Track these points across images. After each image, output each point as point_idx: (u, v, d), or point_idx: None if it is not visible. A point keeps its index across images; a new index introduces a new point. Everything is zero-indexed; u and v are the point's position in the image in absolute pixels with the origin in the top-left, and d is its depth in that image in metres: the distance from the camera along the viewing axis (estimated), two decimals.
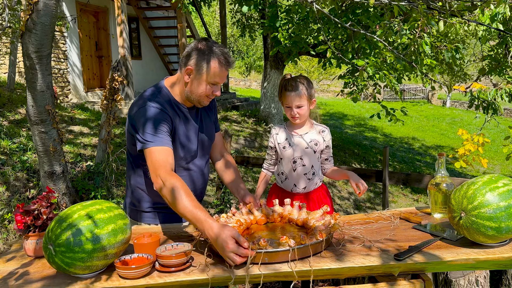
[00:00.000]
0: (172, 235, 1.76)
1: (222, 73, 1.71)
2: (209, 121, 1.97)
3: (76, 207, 1.37)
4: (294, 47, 7.03)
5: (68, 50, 8.47)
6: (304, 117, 2.11)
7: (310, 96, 2.09)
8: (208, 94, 1.75)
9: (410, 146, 15.51)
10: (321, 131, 2.20)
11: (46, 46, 3.17)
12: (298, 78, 2.10)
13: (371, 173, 3.23)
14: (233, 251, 1.32)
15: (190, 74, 1.73)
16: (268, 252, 1.33)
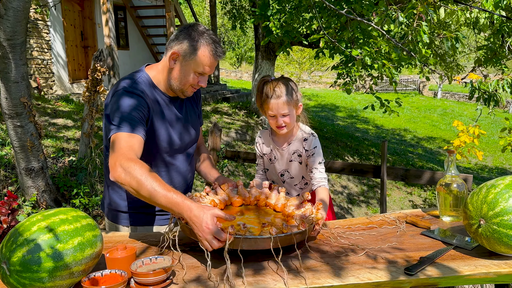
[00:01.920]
0: (152, 244, 1.57)
1: (212, 63, 1.55)
2: (194, 113, 1.80)
3: (35, 217, 1.17)
4: (286, 37, 6.82)
5: (52, 40, 8.15)
6: (291, 125, 1.81)
7: (295, 101, 1.79)
8: (194, 84, 1.58)
9: (402, 138, 15.46)
10: (303, 139, 1.86)
11: (19, 33, 2.93)
12: (281, 80, 1.79)
13: (368, 168, 3.07)
14: (212, 233, 1.20)
15: (176, 59, 1.56)
16: (247, 238, 1.23)
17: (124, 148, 1.41)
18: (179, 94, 1.64)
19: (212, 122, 8.18)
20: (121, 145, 1.42)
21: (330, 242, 1.48)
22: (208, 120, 8.11)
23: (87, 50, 9.37)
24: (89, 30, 9.34)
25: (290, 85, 1.79)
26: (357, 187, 6.98)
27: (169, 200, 1.28)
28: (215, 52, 1.54)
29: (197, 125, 1.82)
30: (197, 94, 1.83)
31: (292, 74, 22.08)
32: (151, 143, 1.62)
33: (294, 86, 1.81)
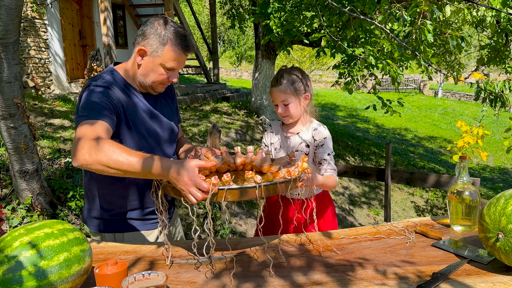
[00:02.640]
0: (145, 255, 1.48)
1: (180, 57, 1.51)
2: (170, 109, 1.76)
3: (18, 231, 1.08)
4: (286, 36, 6.73)
5: (49, 39, 8.05)
6: (295, 115, 1.79)
7: (297, 91, 1.76)
8: (163, 80, 1.55)
9: (403, 137, 15.38)
10: (313, 129, 1.83)
11: (12, 32, 2.84)
12: (287, 70, 1.80)
13: (372, 171, 2.98)
14: (195, 184, 1.16)
15: (143, 55, 1.52)
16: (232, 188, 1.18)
17: (88, 133, 1.32)
18: (149, 90, 1.60)
19: (212, 122, 8.11)
20: (84, 131, 1.34)
21: (336, 254, 1.39)
22: (207, 120, 8.02)
23: (85, 49, 9.27)
24: (88, 29, 9.24)
25: (295, 74, 1.77)
26: (358, 188, 6.89)
27: (145, 164, 1.21)
28: (183, 46, 1.49)
29: (175, 121, 1.77)
30: (171, 90, 1.78)
31: None
32: (128, 139, 1.57)
33: (300, 76, 1.78)
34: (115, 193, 1.64)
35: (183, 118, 7.80)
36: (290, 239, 1.56)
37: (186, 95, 9.80)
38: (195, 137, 6.94)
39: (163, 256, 1.47)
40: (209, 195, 1.16)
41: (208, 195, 1.17)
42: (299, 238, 1.57)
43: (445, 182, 2.77)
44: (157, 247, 1.58)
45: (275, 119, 9.54)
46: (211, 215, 1.10)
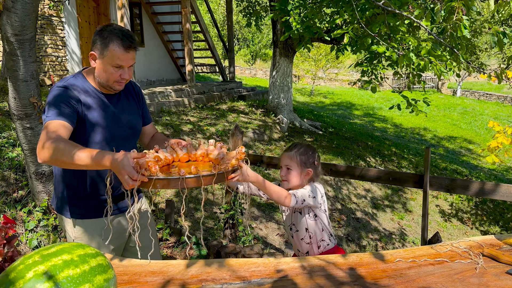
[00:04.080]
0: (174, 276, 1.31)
1: (123, 55, 1.65)
2: (132, 109, 1.91)
3: (32, 258, 0.92)
4: (307, 33, 6.51)
5: (66, 37, 7.99)
6: (292, 183, 1.90)
7: (302, 163, 1.90)
8: (116, 78, 1.71)
9: (422, 137, 15.02)
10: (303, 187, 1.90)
11: (28, 28, 2.70)
12: (303, 144, 1.97)
13: (408, 177, 2.77)
14: (128, 173, 1.33)
15: (94, 59, 1.71)
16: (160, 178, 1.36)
17: (49, 132, 1.56)
18: (108, 89, 1.77)
19: (229, 122, 7.95)
20: (46, 130, 1.58)
21: (395, 281, 1.20)
22: (224, 119, 7.86)
23: None
24: None
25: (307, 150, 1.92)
26: (380, 191, 6.65)
27: (92, 157, 1.41)
28: (124, 44, 1.63)
29: (135, 121, 1.92)
30: (136, 92, 1.95)
31: (308, 71, 21.73)
32: (88, 136, 1.75)
33: (311, 153, 1.91)
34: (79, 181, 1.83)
35: (199, 117, 7.66)
36: (337, 261, 1.37)
37: (202, 93, 9.66)
38: (213, 136, 6.79)
39: (194, 277, 1.30)
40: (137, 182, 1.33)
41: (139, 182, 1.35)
42: (348, 259, 1.38)
43: (490, 190, 2.54)
44: (186, 267, 1.41)
45: (293, 119, 9.34)
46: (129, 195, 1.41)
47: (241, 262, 1.40)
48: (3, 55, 6.31)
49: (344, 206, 5.76)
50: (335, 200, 5.83)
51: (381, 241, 5.27)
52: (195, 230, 4.17)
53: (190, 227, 4.23)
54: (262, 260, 1.42)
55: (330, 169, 3.05)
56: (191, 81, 9.32)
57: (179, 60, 11.73)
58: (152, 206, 4.28)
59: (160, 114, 7.27)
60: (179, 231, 3.90)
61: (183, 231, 3.90)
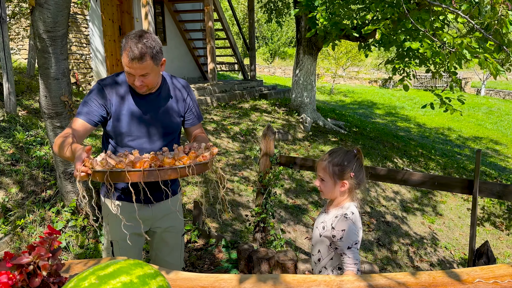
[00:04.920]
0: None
1: (130, 64, 1.70)
2: (169, 111, 1.96)
3: (88, 280, 0.81)
4: (334, 29, 6.34)
5: (90, 35, 8.00)
6: (326, 193, 1.77)
7: (335, 175, 1.72)
8: (132, 83, 1.78)
9: (447, 138, 14.64)
10: (338, 215, 1.72)
11: (60, 24, 2.63)
12: (342, 151, 1.78)
13: (456, 182, 2.59)
14: (76, 168, 1.46)
15: (121, 62, 1.85)
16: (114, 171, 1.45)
17: (67, 128, 1.78)
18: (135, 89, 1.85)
19: (252, 121, 7.84)
20: (68, 126, 1.80)
21: None
22: (248, 118, 7.75)
23: None
24: (127, 25, 9.16)
25: (343, 159, 1.73)
26: (409, 193, 6.44)
27: (70, 151, 1.59)
28: (129, 55, 1.67)
29: (169, 121, 1.96)
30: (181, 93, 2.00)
31: (328, 70, 21.45)
32: (118, 131, 1.86)
33: (346, 163, 1.72)
34: None
35: (223, 116, 7.57)
36: (408, 280, 1.23)
37: (224, 92, 9.57)
38: (237, 136, 6.69)
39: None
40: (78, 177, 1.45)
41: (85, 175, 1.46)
42: (420, 278, 1.24)
43: None
44: (239, 282, 1.29)
45: (316, 118, 9.17)
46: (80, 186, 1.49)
47: (299, 279, 1.28)
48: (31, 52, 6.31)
49: (373, 209, 5.58)
50: (364, 203, 5.65)
51: (413, 246, 5.08)
52: (222, 232, 4.06)
53: (217, 229, 4.13)
54: (322, 277, 1.29)
55: (369, 173, 2.90)
56: (213, 80, 9.24)
57: (200, 58, 11.68)
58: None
59: None
60: (207, 233, 3.80)
61: (211, 234, 3.80)
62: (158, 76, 1.83)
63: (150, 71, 1.74)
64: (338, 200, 1.76)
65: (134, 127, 1.88)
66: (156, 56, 1.73)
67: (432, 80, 25.16)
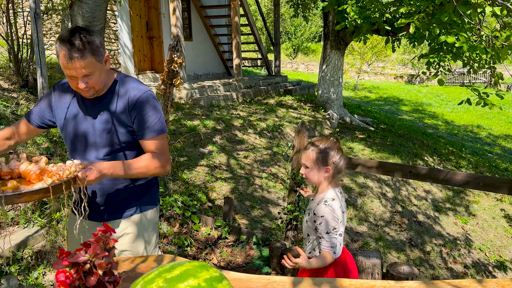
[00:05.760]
0: None
1: (69, 64, 1.50)
2: (114, 117, 1.70)
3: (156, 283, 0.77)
4: (365, 23, 6.19)
5: (119, 30, 8.08)
6: (312, 181, 1.87)
7: (318, 161, 1.83)
8: (74, 87, 1.59)
9: (476, 135, 14.21)
10: (320, 201, 1.84)
11: (98, 19, 2.63)
12: (321, 139, 1.89)
13: (503, 183, 2.47)
14: None
15: None
16: None
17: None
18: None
19: (278, 117, 7.77)
20: None
21: None
22: (274, 114, 7.69)
23: (152, 41, 9.26)
24: (154, 20, 9.22)
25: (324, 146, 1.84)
26: (441, 192, 6.25)
27: None
28: (66, 52, 1.49)
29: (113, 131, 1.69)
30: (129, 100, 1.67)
31: (353, 65, 21.13)
32: (64, 138, 1.77)
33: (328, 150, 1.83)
34: None
35: (249, 112, 7.52)
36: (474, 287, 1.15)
37: (249, 87, 9.53)
38: (263, 132, 6.64)
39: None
40: None
41: None
42: (486, 286, 1.16)
43: None
44: (293, 285, 1.24)
45: (343, 114, 9.02)
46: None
47: (357, 284, 1.22)
48: None
49: (405, 209, 5.44)
50: (395, 202, 5.52)
51: (446, 246, 4.93)
52: (252, 229, 4.03)
53: (247, 226, 4.10)
54: (381, 282, 1.22)
55: (409, 171, 2.80)
56: (238, 75, 9.21)
57: (224, 54, 11.66)
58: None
59: (210, 108, 7.20)
60: (238, 229, 3.77)
61: (242, 230, 3.77)
62: (104, 74, 1.61)
63: (93, 70, 1.53)
64: (323, 186, 1.86)
65: (76, 136, 1.72)
66: (98, 51, 1.54)
67: (460, 76, 24.47)
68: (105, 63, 1.60)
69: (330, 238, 1.76)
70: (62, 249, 1.04)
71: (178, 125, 5.77)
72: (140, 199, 1.81)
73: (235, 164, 5.21)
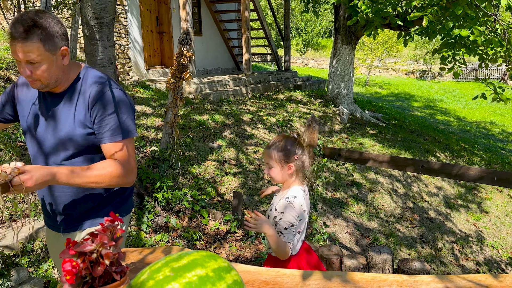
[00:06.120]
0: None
1: (12, 44, 1.34)
2: (68, 116, 1.50)
3: (162, 272, 0.75)
4: (376, 17, 6.10)
5: (129, 25, 8.09)
6: (275, 179, 1.84)
7: (281, 159, 1.81)
8: (20, 71, 1.40)
9: (489, 132, 14.00)
10: (282, 198, 1.80)
11: (108, 11, 2.62)
12: (282, 137, 1.86)
13: None
14: None
15: None
16: None
17: None
18: None
19: (288, 112, 7.72)
20: None
21: None
22: (284, 109, 7.64)
23: (162, 36, 9.27)
24: (164, 15, 9.21)
25: (286, 144, 1.81)
26: (453, 189, 6.16)
27: None
28: (11, 30, 1.32)
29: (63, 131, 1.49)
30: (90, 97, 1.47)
31: (364, 61, 20.94)
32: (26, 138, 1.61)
33: (289, 147, 1.80)
34: None
35: (258, 107, 7.49)
36: (491, 283, 1.12)
37: (259, 83, 9.49)
38: (273, 127, 6.60)
39: None
40: None
41: None
42: (503, 282, 1.12)
43: None
44: (302, 278, 1.21)
45: (354, 110, 8.94)
46: None
47: (368, 278, 1.19)
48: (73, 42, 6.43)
49: (416, 205, 5.37)
50: (406, 198, 5.46)
51: (457, 243, 4.85)
52: None
53: None
54: (393, 276, 1.19)
55: (421, 166, 2.75)
56: (248, 70, 9.17)
57: (234, 49, 11.63)
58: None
59: (220, 103, 7.19)
60: None
61: None
62: (56, 69, 1.41)
63: (39, 58, 1.35)
64: (288, 183, 1.85)
65: (35, 136, 1.55)
66: (50, 39, 1.35)
67: (473, 72, 24.11)
68: (62, 57, 1.42)
69: (288, 234, 1.74)
70: (69, 238, 1.03)
71: (188, 119, 5.77)
72: (102, 209, 1.61)
73: (244, 158, 5.19)
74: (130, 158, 1.50)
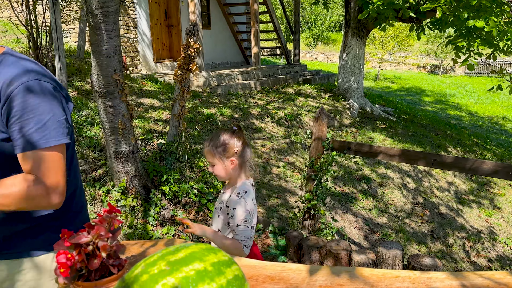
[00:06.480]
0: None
1: None
2: None
3: (157, 266, 0.70)
4: (388, 10, 5.98)
5: (137, 18, 8.06)
6: (221, 176, 1.78)
7: (221, 155, 1.75)
8: None
9: (502, 127, 13.76)
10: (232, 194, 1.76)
11: (113, 0, 2.58)
12: (220, 133, 1.79)
13: None
14: None
15: None
16: None
17: None
18: None
19: (297, 105, 7.64)
20: None
21: None
22: (292, 103, 7.56)
23: (170, 29, 9.22)
24: (173, 8, 9.16)
25: (223, 138, 1.75)
26: (464, 184, 6.04)
27: None
28: None
29: None
30: (3, 95, 1.09)
31: (374, 55, 20.69)
32: None
33: (227, 141, 1.75)
34: None
35: (267, 101, 7.42)
36: (509, 281, 1.05)
37: (268, 76, 9.41)
38: (281, 120, 6.53)
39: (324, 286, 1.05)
40: None
41: None
42: None
43: None
44: (309, 273, 1.16)
45: (364, 104, 8.82)
46: None
47: (379, 274, 1.13)
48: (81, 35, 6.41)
49: (427, 200, 5.28)
50: (416, 193, 5.36)
51: (469, 240, 4.76)
52: (269, 218, 3.97)
53: (264, 214, 4.03)
54: (405, 273, 1.13)
55: (433, 160, 2.67)
56: (257, 64, 9.10)
57: (243, 42, 11.55)
58: None
59: (228, 97, 7.13)
60: None
61: (258, 219, 3.71)
62: None
63: None
64: (233, 179, 1.80)
65: None
66: None
67: (485, 67, 23.68)
68: None
69: (242, 231, 1.69)
70: (64, 229, 0.99)
71: (195, 112, 5.73)
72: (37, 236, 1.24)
73: (252, 152, 5.15)
74: (54, 173, 1.13)
